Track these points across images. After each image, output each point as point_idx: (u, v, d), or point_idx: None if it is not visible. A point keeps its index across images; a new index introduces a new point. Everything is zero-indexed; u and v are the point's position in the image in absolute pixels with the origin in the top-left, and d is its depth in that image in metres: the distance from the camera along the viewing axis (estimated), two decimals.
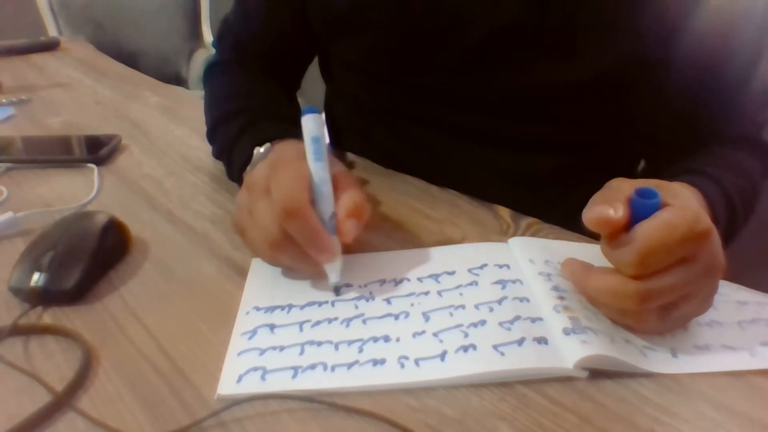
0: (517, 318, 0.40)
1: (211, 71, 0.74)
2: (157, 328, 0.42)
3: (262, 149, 0.53)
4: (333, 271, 0.44)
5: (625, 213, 0.37)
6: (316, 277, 0.45)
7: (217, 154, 0.66)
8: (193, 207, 0.58)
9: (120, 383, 0.37)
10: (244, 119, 0.61)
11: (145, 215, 0.57)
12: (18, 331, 0.41)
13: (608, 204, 0.38)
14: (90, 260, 0.46)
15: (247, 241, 0.47)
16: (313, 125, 0.44)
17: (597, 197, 0.40)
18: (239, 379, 0.36)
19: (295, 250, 0.42)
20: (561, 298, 0.41)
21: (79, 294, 0.45)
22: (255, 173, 0.45)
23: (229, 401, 0.35)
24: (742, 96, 0.58)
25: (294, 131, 0.48)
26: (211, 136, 0.67)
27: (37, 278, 0.44)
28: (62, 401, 0.35)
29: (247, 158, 0.54)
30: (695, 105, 0.59)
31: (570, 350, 0.37)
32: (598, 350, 0.36)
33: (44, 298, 0.44)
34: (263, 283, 0.46)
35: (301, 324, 0.41)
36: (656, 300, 0.37)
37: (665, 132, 0.63)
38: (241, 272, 0.48)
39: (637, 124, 0.63)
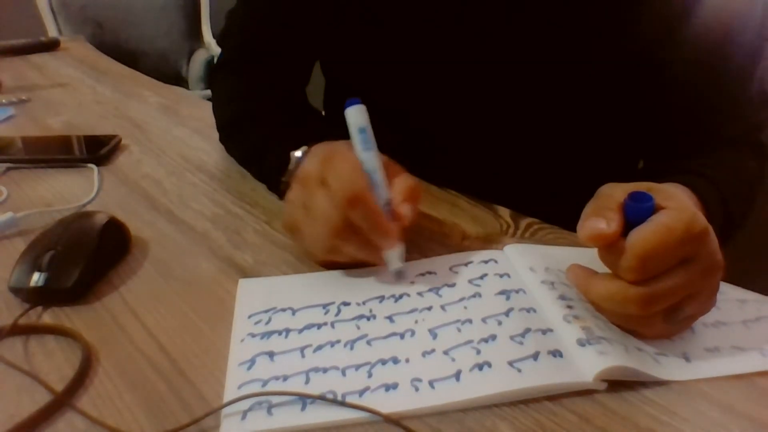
0: (528, 330, 0.39)
1: (220, 72, 0.74)
2: (157, 327, 0.42)
3: (299, 153, 0.53)
4: (394, 257, 0.45)
5: (618, 224, 0.37)
6: (376, 263, 0.45)
7: (239, 155, 0.66)
8: (193, 207, 0.58)
9: (120, 383, 0.37)
10: (271, 121, 0.61)
11: (145, 215, 0.57)
12: (18, 330, 0.41)
13: (600, 216, 0.38)
14: (90, 260, 0.46)
15: (302, 238, 0.46)
16: (358, 116, 0.45)
17: (589, 208, 0.39)
18: (244, 416, 0.34)
19: (358, 238, 0.43)
20: (569, 307, 0.41)
21: (79, 294, 0.45)
22: (306, 168, 0.45)
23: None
24: (741, 97, 0.58)
25: (325, 132, 0.49)
26: (228, 135, 0.67)
27: (37, 278, 0.44)
28: (62, 401, 0.35)
29: (283, 162, 0.54)
30: (693, 105, 0.59)
31: (588, 362, 0.36)
32: (617, 361, 0.36)
33: (44, 297, 0.44)
34: (254, 307, 0.43)
35: (302, 349, 0.39)
36: (659, 303, 0.37)
37: (664, 132, 0.63)
38: (241, 272, 0.48)
39: (637, 123, 0.63)
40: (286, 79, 0.70)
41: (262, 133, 0.60)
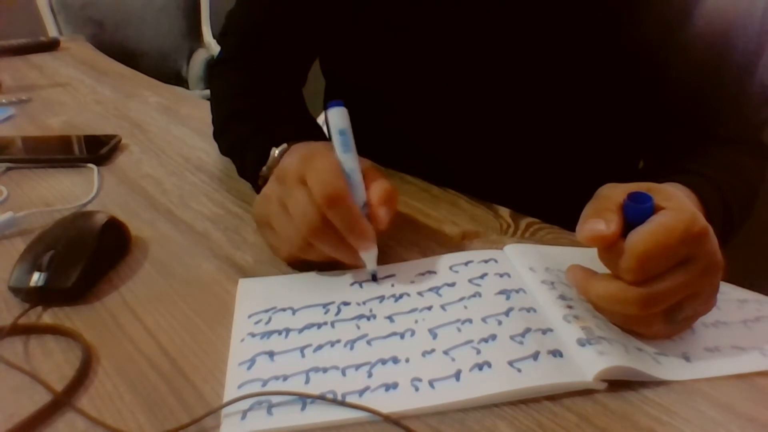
0: (528, 330, 0.39)
1: (215, 69, 0.74)
2: (157, 327, 0.42)
3: (277, 150, 0.53)
4: (370, 259, 0.45)
5: (617, 225, 0.37)
6: (351, 265, 0.46)
7: (226, 151, 0.66)
8: (193, 207, 0.58)
9: (120, 383, 0.37)
10: (255, 119, 0.61)
11: (145, 215, 0.57)
12: (18, 330, 0.41)
13: (600, 217, 0.37)
14: (90, 260, 0.46)
15: (272, 233, 0.47)
16: (339, 118, 0.45)
17: (588, 209, 0.39)
18: (244, 416, 0.34)
19: (334, 237, 0.43)
20: (569, 307, 0.41)
21: (78, 293, 0.45)
22: (285, 165, 0.45)
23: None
24: (741, 96, 0.58)
25: (308, 132, 0.48)
26: (218, 134, 0.67)
27: (36, 278, 0.44)
28: (62, 401, 0.35)
29: (262, 157, 0.54)
30: (694, 105, 0.59)
31: (588, 362, 0.36)
32: (617, 361, 0.36)
33: (44, 297, 0.44)
34: (254, 307, 0.43)
35: (302, 349, 0.39)
36: (659, 304, 0.37)
37: (664, 132, 0.63)
38: (241, 272, 0.48)
39: (637, 123, 0.63)
40: (282, 77, 0.70)
41: (246, 129, 0.61)
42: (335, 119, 0.44)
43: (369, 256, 0.45)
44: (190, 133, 0.78)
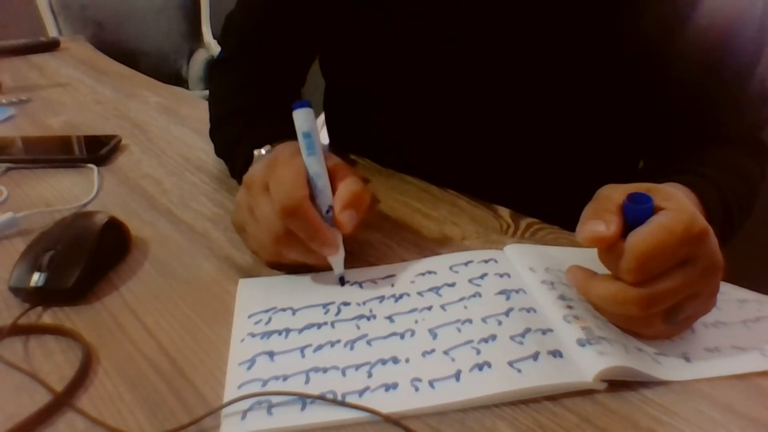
0: (528, 330, 0.39)
1: (215, 69, 0.74)
2: (157, 327, 0.42)
3: (263, 151, 0.53)
4: (337, 263, 0.45)
5: (617, 226, 0.37)
6: (321, 267, 0.46)
7: (219, 153, 0.66)
8: (193, 207, 0.58)
9: (120, 383, 0.37)
10: (244, 120, 0.61)
11: (145, 215, 0.57)
12: (18, 330, 0.41)
13: (599, 218, 0.38)
14: (90, 260, 0.46)
15: (248, 239, 0.47)
16: (304, 120, 0.44)
17: (588, 210, 0.39)
18: (244, 416, 0.34)
19: (299, 244, 0.43)
20: (569, 307, 0.41)
21: (78, 293, 0.45)
22: (252, 172, 0.46)
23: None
24: (741, 96, 0.58)
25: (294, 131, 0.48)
26: (213, 134, 0.67)
27: (36, 278, 0.44)
28: (62, 401, 0.35)
29: (248, 160, 0.54)
30: (694, 105, 0.59)
31: (588, 362, 0.36)
32: (617, 362, 0.36)
33: (44, 297, 0.44)
34: (254, 307, 0.43)
35: (302, 349, 0.39)
36: (659, 305, 0.37)
37: (664, 132, 0.63)
38: (241, 272, 0.48)
39: (637, 123, 0.63)
40: (281, 77, 0.70)
41: (236, 129, 0.61)
42: (299, 121, 0.44)
43: (335, 260, 0.45)
44: (190, 133, 0.78)
